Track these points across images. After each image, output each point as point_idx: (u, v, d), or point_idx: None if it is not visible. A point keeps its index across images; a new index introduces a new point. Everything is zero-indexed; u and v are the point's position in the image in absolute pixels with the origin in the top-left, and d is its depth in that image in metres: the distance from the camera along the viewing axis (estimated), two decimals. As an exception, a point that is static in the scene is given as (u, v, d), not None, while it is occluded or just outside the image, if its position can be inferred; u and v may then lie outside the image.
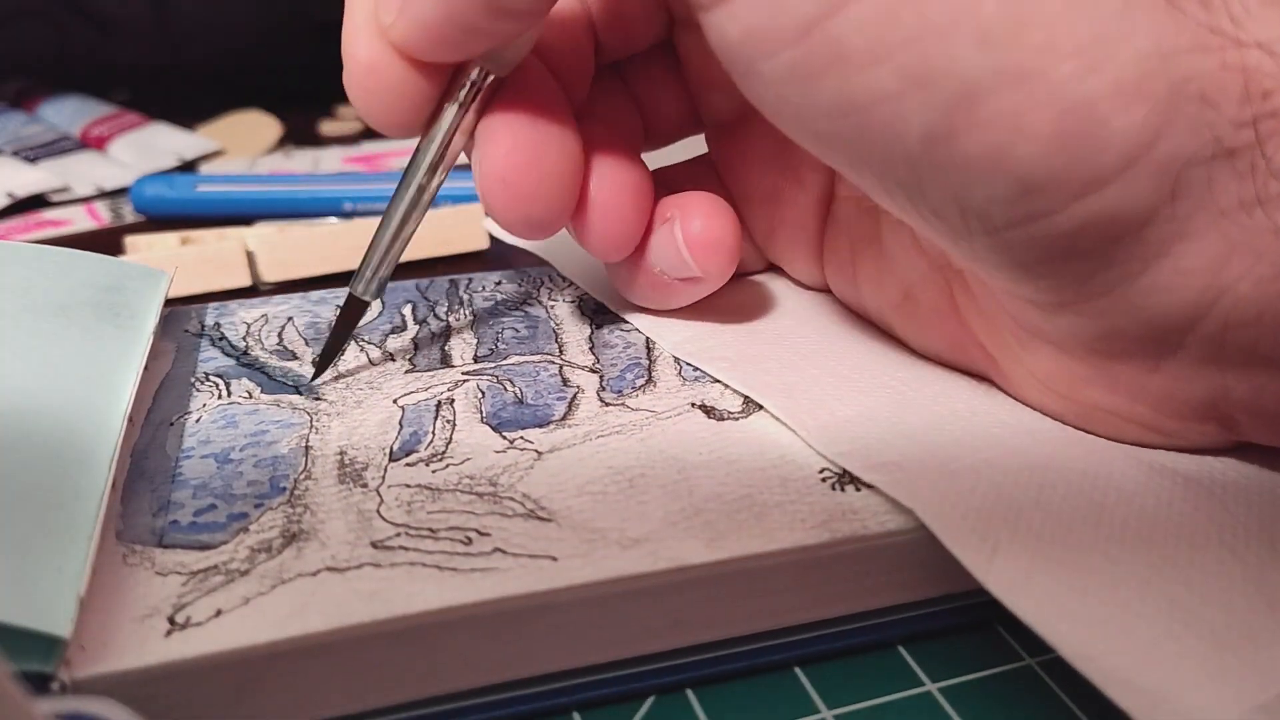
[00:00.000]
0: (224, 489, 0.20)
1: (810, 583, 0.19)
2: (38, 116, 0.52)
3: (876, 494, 0.20)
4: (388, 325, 0.27)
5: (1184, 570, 0.18)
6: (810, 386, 0.23)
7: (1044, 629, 0.17)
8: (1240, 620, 0.17)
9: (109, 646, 0.16)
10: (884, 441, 0.21)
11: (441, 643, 0.17)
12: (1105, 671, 0.16)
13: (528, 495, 0.20)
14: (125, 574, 0.18)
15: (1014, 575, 0.18)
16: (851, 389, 0.23)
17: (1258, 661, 0.16)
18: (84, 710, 0.14)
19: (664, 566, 0.18)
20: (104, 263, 0.26)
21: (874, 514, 0.19)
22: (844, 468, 0.20)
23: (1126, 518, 0.19)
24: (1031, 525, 0.19)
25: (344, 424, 0.23)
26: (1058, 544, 0.18)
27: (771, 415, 0.23)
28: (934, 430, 0.22)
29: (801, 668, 0.20)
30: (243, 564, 0.18)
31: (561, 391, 0.24)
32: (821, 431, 0.22)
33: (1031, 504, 0.19)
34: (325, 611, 0.17)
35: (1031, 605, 0.17)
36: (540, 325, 0.27)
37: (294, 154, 0.49)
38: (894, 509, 0.19)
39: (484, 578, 0.18)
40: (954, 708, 0.19)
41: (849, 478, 0.20)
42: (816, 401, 0.23)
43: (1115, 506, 0.19)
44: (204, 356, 0.26)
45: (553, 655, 0.18)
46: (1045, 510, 0.19)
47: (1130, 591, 0.17)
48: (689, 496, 0.20)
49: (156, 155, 0.48)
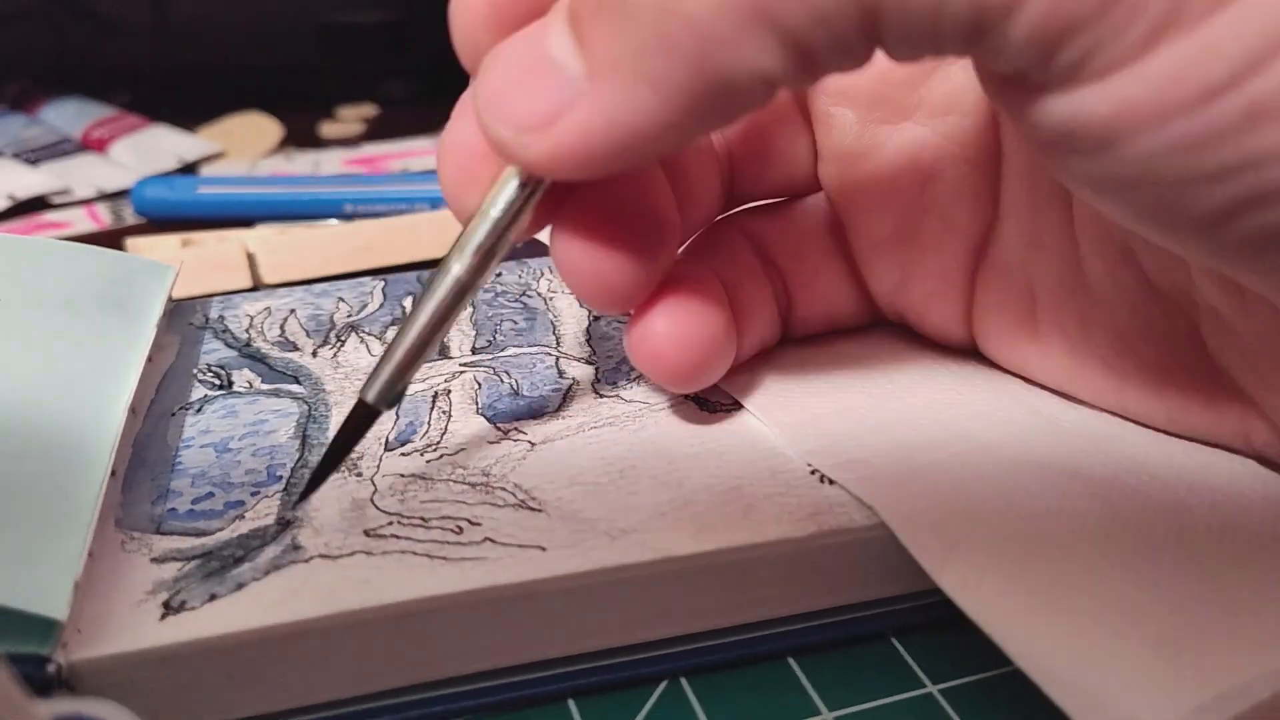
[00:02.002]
0: (222, 477, 0.21)
1: (798, 575, 0.19)
2: (39, 119, 0.52)
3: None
4: (388, 317, 0.27)
5: (1138, 569, 0.18)
6: (787, 382, 0.24)
7: (989, 627, 0.17)
8: (1190, 620, 0.17)
9: (105, 630, 0.17)
10: (854, 438, 0.21)
11: (432, 630, 0.18)
12: (1046, 671, 0.16)
13: (519, 486, 0.20)
14: (123, 560, 0.18)
15: (967, 574, 0.18)
16: (828, 383, 0.24)
17: (1202, 662, 0.16)
18: (84, 711, 0.15)
19: (651, 557, 0.18)
20: (110, 256, 0.26)
21: (860, 508, 0.19)
22: (815, 466, 0.21)
23: (1089, 513, 0.19)
24: (992, 522, 0.19)
25: (342, 414, 0.23)
26: (1015, 541, 0.18)
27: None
28: (906, 424, 0.22)
29: (798, 663, 0.20)
30: (237, 550, 0.18)
31: (557, 383, 0.24)
32: (794, 429, 0.22)
33: (995, 500, 0.19)
34: (317, 598, 0.17)
35: (979, 603, 0.17)
36: (538, 317, 0.27)
37: (294, 156, 0.50)
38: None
39: (474, 567, 0.18)
40: (954, 709, 0.19)
41: (837, 470, 0.21)
42: (791, 397, 0.23)
43: (1079, 502, 0.19)
44: (207, 348, 0.26)
45: (543, 644, 0.19)
46: (1008, 506, 0.19)
47: (1080, 589, 0.17)
48: (679, 488, 0.20)
49: (157, 157, 0.48)
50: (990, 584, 0.17)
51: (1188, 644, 0.16)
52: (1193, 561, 0.18)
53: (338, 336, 0.26)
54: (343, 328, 0.27)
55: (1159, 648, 0.16)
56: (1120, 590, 0.17)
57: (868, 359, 0.25)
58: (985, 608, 0.17)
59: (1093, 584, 0.18)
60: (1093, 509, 0.19)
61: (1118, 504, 0.19)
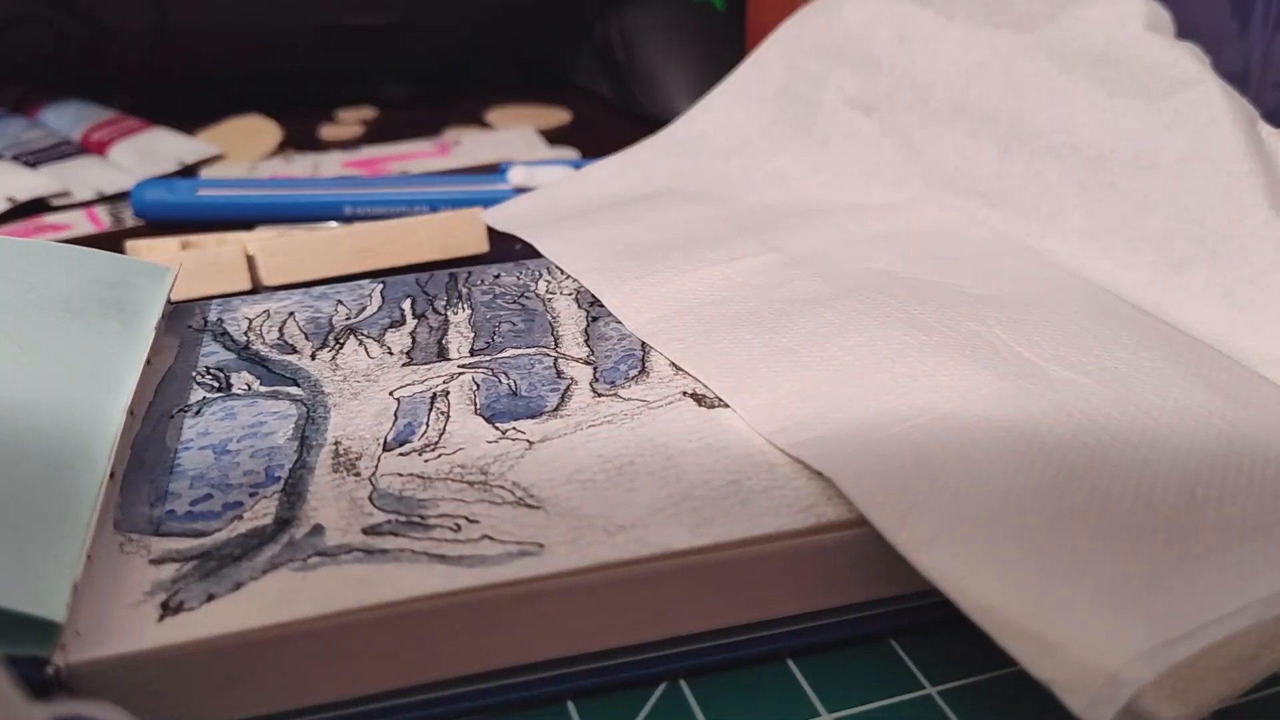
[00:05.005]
0: (220, 479, 0.21)
1: (796, 573, 0.19)
2: (38, 121, 0.52)
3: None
4: (386, 319, 0.27)
5: (1093, 520, 0.18)
6: (756, 365, 0.24)
7: (945, 584, 0.17)
8: (1144, 569, 0.17)
9: (103, 632, 0.17)
10: (817, 416, 0.21)
11: (430, 629, 0.18)
12: (1000, 622, 0.16)
13: (517, 484, 0.20)
14: (121, 561, 0.18)
15: (923, 534, 0.18)
16: (794, 362, 0.24)
17: (1154, 609, 0.16)
18: (82, 713, 0.15)
19: (649, 552, 0.18)
20: (110, 259, 0.26)
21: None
22: (777, 446, 0.21)
23: (1045, 469, 0.19)
24: (949, 484, 0.19)
25: (340, 415, 0.23)
26: (973, 501, 0.18)
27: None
28: (869, 399, 0.22)
29: (797, 664, 0.20)
30: (235, 550, 0.18)
31: (555, 383, 0.24)
32: (760, 411, 0.22)
33: (953, 463, 0.19)
34: (315, 597, 0.17)
35: (934, 561, 0.17)
36: (537, 318, 0.27)
37: (294, 158, 0.50)
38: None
39: (472, 564, 0.18)
40: (953, 710, 0.19)
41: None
42: (759, 379, 0.23)
43: (1036, 460, 0.20)
44: (206, 351, 0.26)
45: (542, 644, 0.19)
46: (965, 468, 0.19)
47: (1035, 545, 0.17)
48: (676, 483, 0.20)
49: (157, 160, 0.48)
50: (947, 542, 0.18)
51: (1140, 592, 0.17)
52: (1150, 514, 0.18)
53: (336, 339, 0.26)
54: (341, 330, 0.27)
55: (1111, 596, 0.16)
56: (1075, 543, 0.18)
57: (835, 337, 0.25)
58: (940, 564, 0.17)
59: (1046, 536, 0.18)
60: (1050, 469, 0.19)
61: (1075, 464, 0.20)
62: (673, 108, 0.48)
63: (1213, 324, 0.26)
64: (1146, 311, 0.27)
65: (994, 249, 0.30)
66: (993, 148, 0.32)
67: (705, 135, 0.41)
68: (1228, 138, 0.27)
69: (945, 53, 0.34)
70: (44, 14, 0.56)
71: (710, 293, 0.28)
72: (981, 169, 0.33)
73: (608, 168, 0.40)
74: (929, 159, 0.34)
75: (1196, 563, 0.17)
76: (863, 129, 0.37)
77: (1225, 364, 0.24)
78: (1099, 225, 0.29)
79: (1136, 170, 0.28)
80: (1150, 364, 0.23)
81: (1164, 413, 0.21)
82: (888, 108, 0.36)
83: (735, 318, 0.26)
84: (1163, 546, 0.18)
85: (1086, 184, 0.30)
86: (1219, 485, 0.19)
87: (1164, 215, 0.27)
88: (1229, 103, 0.27)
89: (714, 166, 0.39)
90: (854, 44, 0.37)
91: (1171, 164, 0.28)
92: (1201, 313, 0.26)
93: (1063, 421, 0.21)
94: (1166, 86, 0.28)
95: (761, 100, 0.40)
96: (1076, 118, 0.30)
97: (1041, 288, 0.27)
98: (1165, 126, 0.28)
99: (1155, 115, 0.28)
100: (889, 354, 0.24)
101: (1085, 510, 0.18)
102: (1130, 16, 0.30)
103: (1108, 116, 0.29)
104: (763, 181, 0.38)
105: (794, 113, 0.39)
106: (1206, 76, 0.28)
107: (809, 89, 0.39)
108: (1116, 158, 0.29)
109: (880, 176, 0.36)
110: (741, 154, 0.39)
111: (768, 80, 0.41)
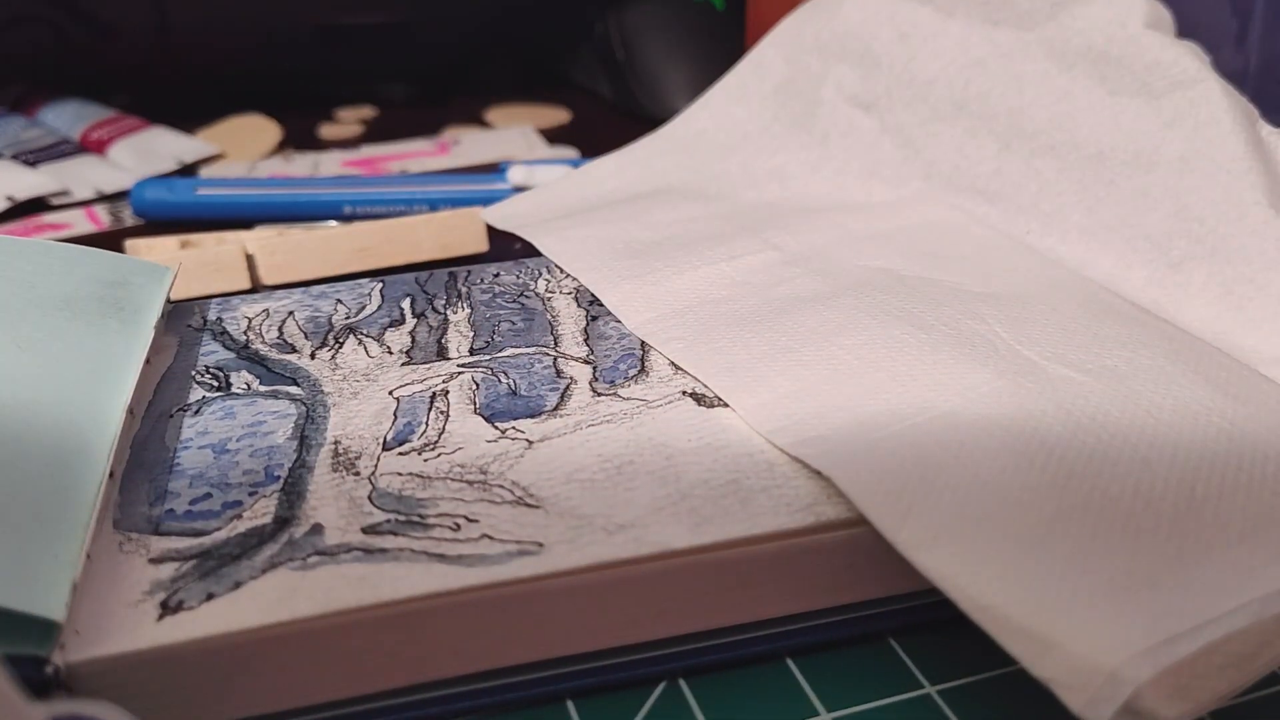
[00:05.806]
0: (220, 478, 0.21)
1: (795, 572, 0.19)
2: (37, 120, 0.52)
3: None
4: (386, 319, 0.27)
5: (1093, 518, 0.18)
6: (756, 364, 0.24)
7: (944, 583, 0.17)
8: (1144, 567, 0.17)
9: (102, 631, 0.17)
10: (817, 415, 0.21)
11: (429, 628, 0.18)
12: (999, 621, 0.16)
13: (517, 483, 0.20)
14: (120, 560, 0.18)
15: (923, 534, 0.18)
16: (793, 361, 0.24)
17: (1153, 608, 0.16)
18: (82, 712, 0.15)
19: (648, 552, 0.18)
20: (109, 258, 0.26)
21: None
22: (776, 445, 0.21)
23: (1045, 467, 0.19)
24: (949, 483, 0.19)
25: (340, 415, 0.23)
26: (972, 500, 0.18)
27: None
28: (868, 398, 0.22)
29: (796, 663, 0.20)
30: (234, 549, 0.18)
31: (555, 383, 0.24)
32: (759, 410, 0.22)
33: (952, 462, 0.19)
34: (314, 596, 0.17)
35: (934, 560, 0.17)
36: (536, 318, 0.27)
37: (294, 157, 0.50)
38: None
39: (471, 564, 0.18)
40: (952, 710, 0.19)
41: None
42: (759, 378, 0.23)
43: (1036, 458, 0.20)
44: (205, 350, 0.26)
45: (541, 643, 0.19)
46: (965, 467, 0.19)
47: (1034, 540, 0.18)
48: (676, 483, 0.20)
49: (156, 159, 0.48)
50: (947, 541, 0.18)
51: (1139, 590, 0.17)
52: (1150, 513, 0.18)
53: (336, 338, 0.26)
54: (341, 329, 0.27)
55: (1110, 594, 0.16)
56: (1074, 541, 0.18)
57: (834, 335, 0.25)
58: (940, 564, 0.17)
59: (1047, 537, 0.18)
60: (1049, 467, 0.19)
61: (1074, 462, 0.20)
62: (672, 107, 0.48)
63: (1212, 322, 0.26)
64: (1146, 309, 0.27)
65: (993, 247, 0.30)
66: (992, 145, 0.32)
67: (704, 133, 0.41)
68: (1227, 136, 0.27)
69: (945, 50, 0.34)
70: (44, 13, 0.56)
71: (710, 291, 0.28)
72: (981, 167, 0.33)
73: (607, 166, 0.40)
74: (929, 157, 0.34)
75: (1196, 561, 0.17)
76: (862, 126, 0.37)
77: (1225, 362, 0.24)
78: (1099, 223, 0.29)
79: (1136, 168, 0.28)
80: (1150, 362, 0.23)
81: (1163, 411, 0.21)
82: (887, 105, 0.36)
83: (734, 316, 0.26)
84: (1162, 544, 0.18)
85: (1086, 182, 0.30)
86: (1218, 483, 0.19)
87: (1164, 213, 0.27)
88: (1229, 101, 0.27)
89: (713, 164, 0.39)
90: (854, 41, 0.37)
91: (1171, 162, 0.28)
92: (1201, 311, 0.26)
93: (1062, 420, 0.21)
94: (1167, 85, 0.28)
95: (761, 97, 0.40)
96: (1076, 116, 0.30)
97: (1041, 286, 0.27)
98: (1165, 125, 0.28)
99: (1155, 113, 0.28)
100: (888, 352, 0.24)
101: (1084, 508, 0.18)
102: (1130, 15, 0.30)
103: (1108, 114, 0.30)
104: (762, 179, 0.38)
105: (793, 110, 0.39)
106: (1206, 75, 0.28)
107: (809, 86, 0.39)
108: (1116, 156, 0.29)
109: (880, 174, 0.36)
110: (741, 151, 0.39)
111: (767, 77, 0.41)
